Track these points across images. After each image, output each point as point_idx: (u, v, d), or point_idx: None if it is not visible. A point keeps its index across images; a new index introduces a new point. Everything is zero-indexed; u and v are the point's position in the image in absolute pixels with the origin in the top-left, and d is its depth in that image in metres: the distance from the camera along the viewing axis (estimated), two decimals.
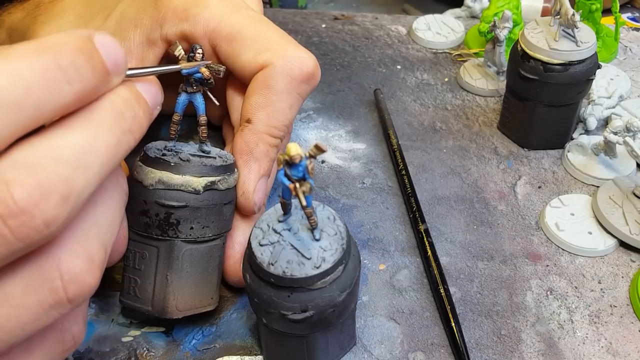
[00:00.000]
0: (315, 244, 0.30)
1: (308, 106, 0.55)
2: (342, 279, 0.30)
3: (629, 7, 0.74)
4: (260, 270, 0.29)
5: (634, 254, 0.41)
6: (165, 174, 0.33)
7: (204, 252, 0.35)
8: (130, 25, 0.37)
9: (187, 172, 0.33)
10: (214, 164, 0.34)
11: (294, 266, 0.29)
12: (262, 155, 0.36)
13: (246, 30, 0.37)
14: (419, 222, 0.43)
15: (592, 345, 0.36)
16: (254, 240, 0.30)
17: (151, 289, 0.35)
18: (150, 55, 0.38)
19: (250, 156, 0.36)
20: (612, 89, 0.51)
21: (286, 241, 0.30)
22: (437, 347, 0.36)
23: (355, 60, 0.61)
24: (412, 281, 0.40)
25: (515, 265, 0.41)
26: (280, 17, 0.67)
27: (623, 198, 0.43)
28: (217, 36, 0.37)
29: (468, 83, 0.56)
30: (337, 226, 0.31)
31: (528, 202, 0.45)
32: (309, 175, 0.28)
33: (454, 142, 0.51)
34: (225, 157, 0.36)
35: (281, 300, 0.29)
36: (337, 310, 0.31)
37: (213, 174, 0.34)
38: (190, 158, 0.34)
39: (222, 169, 0.34)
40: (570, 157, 0.47)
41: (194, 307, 0.35)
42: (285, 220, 0.31)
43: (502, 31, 0.52)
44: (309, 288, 0.29)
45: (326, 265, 0.29)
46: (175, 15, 0.37)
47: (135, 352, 0.36)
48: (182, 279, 0.35)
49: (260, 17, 0.38)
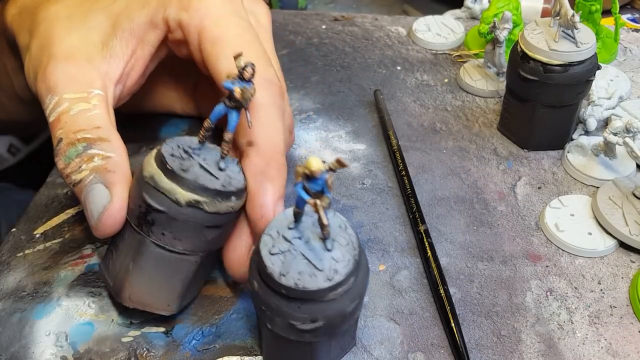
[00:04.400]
0: (327, 255, 0.29)
1: (308, 107, 0.55)
2: (353, 289, 0.30)
3: (629, 8, 0.74)
4: (270, 280, 0.29)
5: (634, 255, 0.41)
6: (159, 174, 0.33)
7: (171, 260, 0.34)
8: (137, 5, 0.39)
9: (177, 180, 0.32)
10: (209, 184, 0.33)
11: (305, 278, 0.28)
12: (275, 176, 0.35)
13: (231, 38, 0.37)
14: (419, 222, 0.43)
15: (591, 346, 0.36)
16: (263, 248, 0.29)
17: (117, 269, 0.35)
18: (152, 37, 0.39)
19: (264, 178, 0.34)
20: (612, 89, 0.51)
21: (297, 250, 0.29)
22: (437, 347, 0.36)
23: (355, 61, 0.61)
24: (412, 282, 0.40)
25: (515, 266, 0.41)
26: (281, 18, 0.67)
27: (623, 199, 0.43)
28: (205, 35, 0.37)
29: (468, 84, 0.56)
30: (349, 235, 0.30)
31: (528, 203, 0.45)
32: (328, 189, 0.27)
33: (454, 142, 0.51)
34: (232, 181, 0.34)
35: (291, 311, 0.29)
36: (346, 320, 0.30)
37: (202, 193, 0.32)
38: (190, 169, 0.33)
39: (215, 193, 0.33)
40: (570, 158, 0.47)
41: (146, 304, 0.36)
42: (295, 228, 0.30)
43: (502, 32, 0.52)
44: (320, 300, 0.29)
45: (338, 277, 0.28)
46: (179, 2, 0.38)
47: (135, 352, 0.36)
48: (141, 275, 0.35)
49: (251, 31, 0.38)
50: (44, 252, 0.42)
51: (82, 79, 0.37)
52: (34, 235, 0.43)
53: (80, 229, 0.44)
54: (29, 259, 0.42)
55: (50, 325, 0.38)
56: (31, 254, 0.42)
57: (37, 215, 0.45)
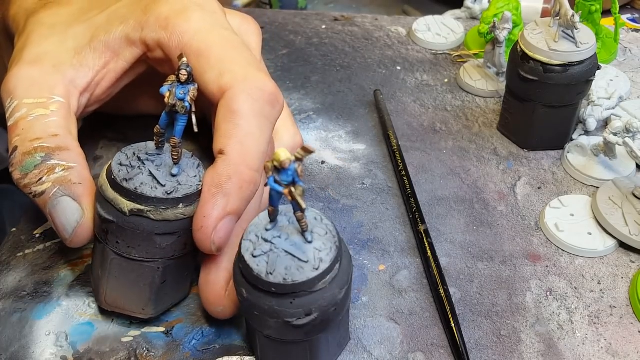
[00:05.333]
0: (310, 246, 0.30)
1: (308, 107, 0.55)
2: (340, 276, 0.30)
3: (629, 8, 0.74)
4: (258, 281, 0.29)
5: (634, 255, 0.41)
6: (106, 184, 0.33)
7: (133, 267, 0.34)
8: (117, 21, 0.39)
9: (119, 190, 0.32)
10: (149, 193, 0.32)
11: (293, 271, 0.29)
12: (234, 191, 0.32)
13: (215, 49, 0.36)
14: (419, 222, 0.43)
15: (591, 346, 0.36)
16: (245, 252, 0.30)
17: (94, 274, 0.36)
18: (127, 53, 0.39)
19: (218, 190, 0.32)
20: (612, 90, 0.51)
21: (279, 248, 0.30)
22: (436, 347, 0.36)
23: (355, 61, 0.61)
24: (411, 282, 0.40)
25: (514, 266, 0.41)
26: (280, 18, 0.67)
27: (623, 199, 0.43)
28: (188, 50, 0.36)
29: (468, 84, 0.56)
30: (326, 225, 0.31)
31: (528, 203, 0.45)
32: (299, 178, 0.28)
33: (454, 143, 0.51)
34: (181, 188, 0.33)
35: (284, 308, 0.29)
36: (338, 308, 0.31)
37: (143, 202, 0.32)
38: (136, 177, 0.33)
39: (157, 201, 0.32)
40: (570, 158, 0.47)
41: (122, 308, 0.36)
42: (273, 228, 0.30)
43: (502, 32, 0.52)
44: (310, 291, 0.29)
45: (324, 265, 0.29)
46: (157, 21, 0.37)
47: (135, 352, 0.36)
48: (110, 280, 0.35)
49: (235, 40, 0.38)
50: (44, 252, 0.42)
51: (44, 84, 0.37)
52: (34, 235, 0.43)
53: None
54: (29, 259, 0.42)
55: (50, 325, 0.38)
56: (31, 254, 0.42)
57: (37, 215, 0.45)
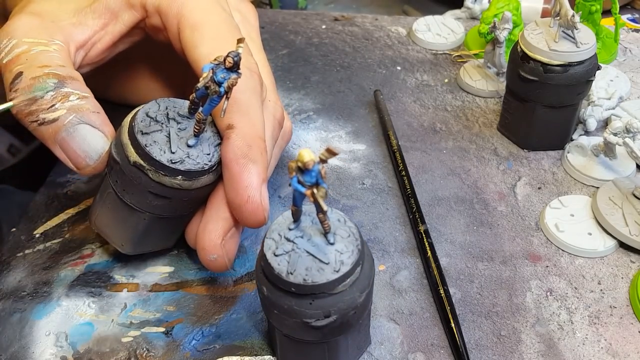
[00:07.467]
0: (331, 248, 0.30)
1: (308, 107, 0.55)
2: (360, 279, 0.30)
3: (629, 8, 0.74)
4: (279, 280, 0.29)
5: (634, 255, 0.41)
6: (125, 126, 0.34)
7: (122, 207, 0.36)
8: None
9: (133, 139, 0.33)
10: (154, 154, 0.33)
11: (313, 272, 0.29)
12: (259, 158, 0.34)
13: (211, 25, 0.37)
14: (419, 222, 0.43)
15: (591, 346, 0.36)
16: (267, 251, 0.30)
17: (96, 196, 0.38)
18: (126, 16, 0.39)
19: (247, 159, 0.33)
20: (612, 90, 0.51)
21: (301, 248, 0.30)
22: (437, 347, 0.36)
23: (355, 61, 0.61)
24: (412, 282, 0.40)
25: (515, 266, 0.41)
26: (280, 18, 0.67)
27: (623, 199, 0.43)
28: (184, 22, 0.37)
29: (468, 84, 0.56)
30: (349, 227, 0.31)
31: (528, 203, 0.45)
32: (322, 179, 0.27)
33: (454, 143, 0.51)
34: (187, 161, 0.33)
35: (303, 309, 0.29)
36: (358, 312, 0.31)
37: (146, 160, 0.33)
38: (153, 134, 0.33)
39: (159, 165, 0.33)
40: (570, 158, 0.47)
41: (104, 234, 0.38)
42: (295, 228, 0.30)
43: (502, 32, 0.52)
44: (330, 293, 0.29)
45: (345, 268, 0.29)
46: None
47: (135, 352, 0.36)
48: (103, 207, 0.37)
49: (231, 23, 0.38)
50: (44, 252, 0.42)
51: (43, 31, 0.36)
52: (34, 235, 0.43)
53: (80, 229, 0.44)
54: (29, 259, 0.42)
55: (50, 325, 0.38)
56: (31, 254, 0.42)
57: (37, 215, 0.45)
